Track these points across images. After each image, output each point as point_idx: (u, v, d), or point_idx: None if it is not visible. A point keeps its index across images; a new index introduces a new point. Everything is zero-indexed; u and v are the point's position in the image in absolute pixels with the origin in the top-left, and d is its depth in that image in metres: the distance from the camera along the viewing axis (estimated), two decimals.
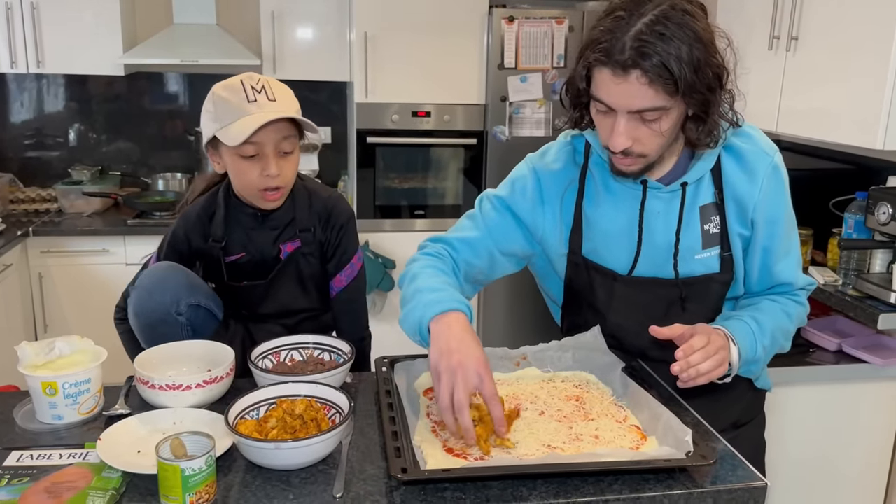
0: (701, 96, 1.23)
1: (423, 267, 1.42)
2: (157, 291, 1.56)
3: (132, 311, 1.58)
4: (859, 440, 2.30)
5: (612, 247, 1.45)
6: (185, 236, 1.68)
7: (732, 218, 1.41)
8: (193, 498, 1.05)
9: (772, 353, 1.46)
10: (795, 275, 1.48)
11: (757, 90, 2.71)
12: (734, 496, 1.15)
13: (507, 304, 3.67)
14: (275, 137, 1.54)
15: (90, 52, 3.45)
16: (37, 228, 3.33)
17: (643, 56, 1.18)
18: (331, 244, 1.72)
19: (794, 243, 1.48)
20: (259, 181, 1.56)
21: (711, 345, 1.30)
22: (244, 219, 1.67)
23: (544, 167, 1.49)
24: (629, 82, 1.21)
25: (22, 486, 1.11)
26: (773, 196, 1.41)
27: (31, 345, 1.36)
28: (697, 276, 1.43)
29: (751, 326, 1.39)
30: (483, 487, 1.13)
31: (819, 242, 2.63)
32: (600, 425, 1.29)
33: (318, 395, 1.30)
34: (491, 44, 3.48)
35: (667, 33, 1.18)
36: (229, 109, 1.52)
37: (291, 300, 1.72)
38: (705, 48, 1.21)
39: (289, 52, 3.65)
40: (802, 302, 1.50)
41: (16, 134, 3.82)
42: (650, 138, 1.27)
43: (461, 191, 3.70)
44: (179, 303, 1.56)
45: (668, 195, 1.41)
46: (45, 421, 1.32)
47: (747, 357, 1.38)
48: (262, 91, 1.54)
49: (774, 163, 1.41)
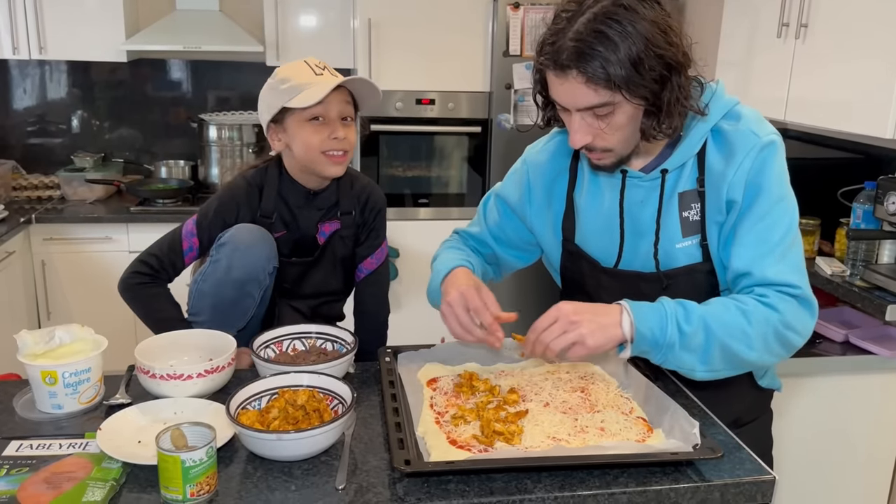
0: (646, 90, 1.22)
1: (443, 251, 1.58)
2: (256, 248, 1.60)
3: (227, 264, 1.59)
4: (866, 432, 2.28)
5: (599, 237, 1.46)
6: (235, 207, 1.68)
7: (711, 204, 1.36)
8: (194, 489, 1.04)
9: (714, 347, 1.25)
10: (756, 266, 1.30)
11: (765, 78, 2.68)
12: (741, 490, 1.14)
13: (513, 294, 3.66)
14: (339, 103, 1.62)
15: (93, 39, 3.42)
16: (39, 216, 3.32)
17: (579, 56, 1.20)
18: (366, 227, 1.78)
19: (771, 235, 1.31)
20: (325, 143, 1.61)
21: (558, 322, 1.25)
22: (293, 196, 1.71)
23: (534, 158, 1.55)
24: (569, 82, 1.23)
25: (21, 476, 1.10)
26: (753, 177, 1.31)
27: (31, 333, 1.35)
28: (680, 268, 1.40)
29: (665, 306, 1.26)
30: (487, 480, 1.11)
31: (827, 233, 2.60)
32: (606, 417, 1.28)
33: (321, 385, 1.29)
34: (496, 31, 3.45)
35: (605, 30, 1.19)
36: (298, 81, 1.60)
37: (324, 282, 1.77)
38: (648, 41, 1.19)
39: (292, 38, 3.62)
40: (771, 304, 1.27)
41: (18, 121, 3.80)
42: (609, 133, 1.28)
43: (465, 179, 3.68)
44: (269, 263, 1.63)
45: (649, 183, 1.39)
46: (45, 410, 1.31)
47: (654, 334, 1.24)
48: (325, 69, 1.64)
49: (762, 144, 1.31)
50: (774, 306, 1.27)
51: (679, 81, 1.24)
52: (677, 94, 1.24)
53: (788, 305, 1.28)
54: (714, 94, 1.36)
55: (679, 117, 1.28)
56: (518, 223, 1.58)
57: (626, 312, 1.26)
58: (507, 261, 1.65)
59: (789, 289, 1.29)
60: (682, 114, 1.28)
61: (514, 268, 1.68)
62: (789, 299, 1.29)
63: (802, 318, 1.30)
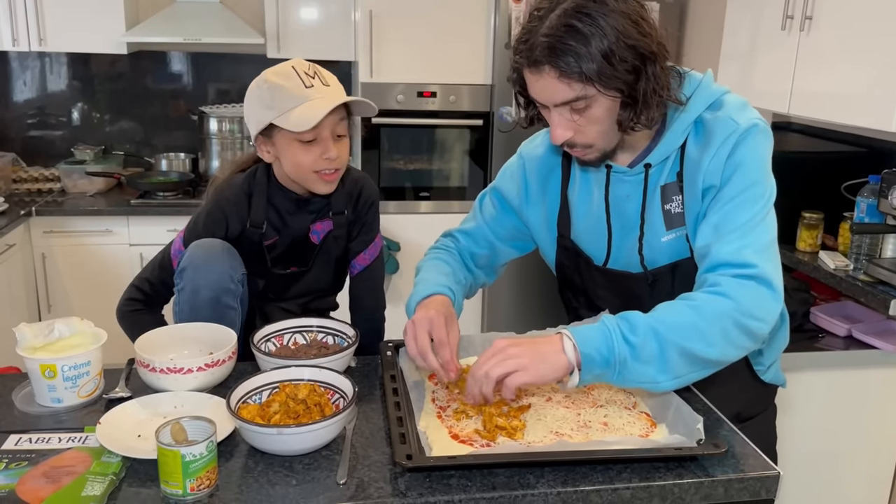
0: (619, 81, 1.21)
1: (427, 261, 1.56)
2: (214, 262, 1.55)
3: (192, 287, 1.54)
4: (869, 426, 2.28)
5: (590, 232, 1.46)
6: (224, 219, 1.63)
7: (689, 194, 1.34)
8: (194, 484, 1.04)
9: (669, 352, 1.19)
10: (714, 245, 1.26)
11: (769, 71, 2.67)
12: (746, 485, 1.13)
13: (513, 289, 3.65)
14: (332, 121, 1.53)
15: (93, 30, 3.40)
16: (40, 208, 3.31)
17: (551, 51, 1.20)
18: (358, 222, 1.74)
19: (737, 216, 1.26)
20: (317, 164, 1.55)
21: (495, 356, 1.20)
22: (283, 203, 1.66)
23: (530, 152, 1.55)
24: (544, 78, 1.23)
25: (20, 470, 1.09)
26: (728, 162, 1.28)
27: (30, 326, 1.34)
28: (666, 265, 1.38)
29: (606, 323, 1.20)
30: (489, 475, 1.11)
31: (830, 227, 2.59)
32: (609, 412, 1.27)
33: (322, 379, 1.29)
34: (498, 23, 3.43)
35: (575, 24, 1.19)
36: (287, 96, 1.50)
37: (317, 282, 1.74)
38: (619, 33, 1.18)
39: (293, 30, 3.60)
40: (723, 292, 1.20)
41: (18, 113, 3.79)
42: (588, 127, 1.28)
43: (466, 172, 3.66)
44: (235, 271, 1.57)
45: (633, 178, 1.38)
46: (45, 404, 1.30)
47: (601, 354, 1.17)
48: (315, 77, 1.53)
49: (741, 130, 1.27)
50: (727, 294, 1.20)
51: (654, 72, 1.22)
52: (653, 85, 1.23)
53: (743, 290, 1.20)
54: (699, 84, 1.34)
55: (657, 108, 1.26)
56: (515, 218, 1.57)
57: (566, 338, 1.19)
58: (504, 252, 1.63)
59: (746, 269, 1.21)
60: (659, 105, 1.26)
61: (510, 258, 1.66)
62: (745, 282, 1.21)
63: (762, 301, 1.21)
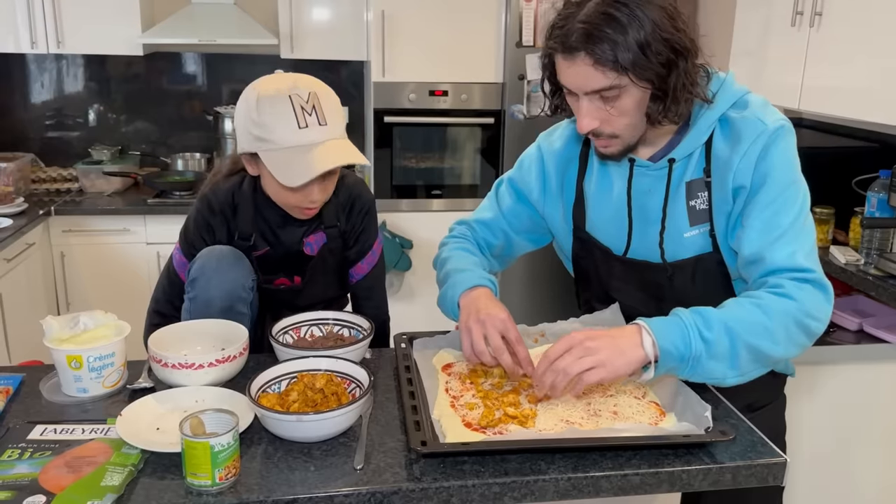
0: (652, 73, 1.23)
1: (452, 250, 1.56)
2: (225, 271, 1.53)
3: (205, 299, 1.52)
4: (880, 420, 2.28)
5: (608, 225, 1.48)
6: (209, 227, 1.62)
7: (717, 192, 1.36)
8: (222, 473, 1.06)
9: (740, 349, 1.23)
10: (767, 251, 1.28)
11: (779, 67, 2.67)
12: (753, 472, 1.15)
13: (526, 282, 3.67)
14: None
15: (109, 33, 3.45)
16: (58, 208, 3.36)
17: (588, 38, 1.21)
18: (354, 231, 1.71)
19: (780, 220, 1.29)
20: (300, 202, 1.52)
21: (573, 349, 1.21)
22: (272, 217, 1.63)
23: (549, 145, 1.56)
24: (577, 65, 1.24)
25: (44, 459, 1.13)
26: (760, 164, 1.30)
27: (57, 319, 1.38)
28: (688, 259, 1.40)
29: (682, 318, 1.23)
30: (501, 461, 1.13)
31: (841, 221, 2.60)
32: (619, 401, 1.29)
33: (339, 369, 1.32)
34: (509, 21, 3.45)
35: (613, 13, 1.21)
36: (276, 136, 1.43)
37: (316, 293, 1.72)
38: (656, 25, 1.20)
39: (306, 31, 3.64)
40: (787, 293, 1.25)
41: (37, 114, 3.85)
42: (616, 118, 1.29)
43: (478, 170, 3.69)
44: (246, 279, 1.56)
45: (656, 173, 1.40)
46: (71, 394, 1.34)
47: (678, 349, 1.20)
48: (312, 113, 1.43)
49: (769, 131, 1.30)
50: (790, 295, 1.24)
51: (685, 67, 1.25)
52: (683, 80, 1.25)
53: (804, 292, 1.25)
54: (723, 83, 1.36)
55: (685, 104, 1.28)
56: (532, 210, 1.59)
57: (645, 331, 1.22)
58: (520, 245, 1.64)
59: (803, 273, 1.27)
60: (688, 100, 1.29)
61: (525, 251, 1.67)
62: (804, 285, 1.26)
63: (819, 303, 1.27)
